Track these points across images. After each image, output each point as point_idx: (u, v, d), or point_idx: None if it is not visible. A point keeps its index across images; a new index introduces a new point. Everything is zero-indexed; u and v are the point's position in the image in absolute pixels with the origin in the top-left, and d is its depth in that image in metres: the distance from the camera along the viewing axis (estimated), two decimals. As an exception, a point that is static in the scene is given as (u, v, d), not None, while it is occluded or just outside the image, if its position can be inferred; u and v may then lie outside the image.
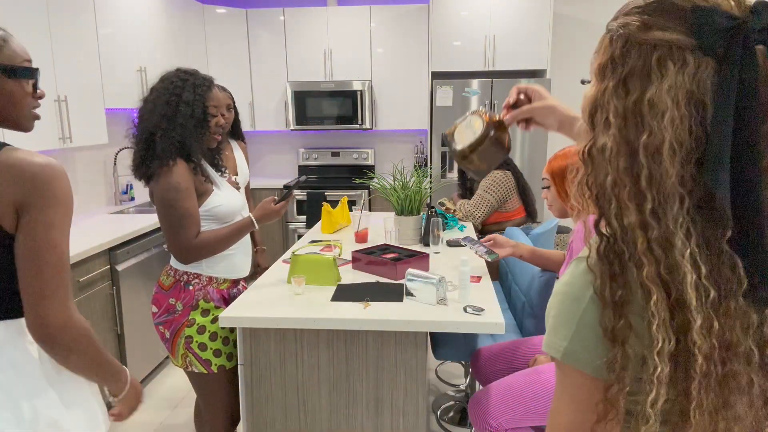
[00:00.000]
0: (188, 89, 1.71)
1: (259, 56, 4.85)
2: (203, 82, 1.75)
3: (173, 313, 1.79)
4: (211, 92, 1.77)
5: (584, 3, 4.92)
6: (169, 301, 1.80)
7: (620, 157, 0.65)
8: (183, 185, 1.70)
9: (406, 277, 1.84)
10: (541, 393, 1.67)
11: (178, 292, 1.80)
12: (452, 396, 2.94)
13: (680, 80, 0.61)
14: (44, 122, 2.67)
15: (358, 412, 1.82)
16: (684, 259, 0.61)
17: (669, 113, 0.61)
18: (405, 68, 4.78)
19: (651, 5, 0.64)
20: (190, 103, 1.69)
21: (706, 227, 0.62)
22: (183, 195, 1.70)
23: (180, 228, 1.70)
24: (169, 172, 1.68)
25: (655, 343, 0.62)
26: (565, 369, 0.70)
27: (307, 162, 5.22)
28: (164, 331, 1.82)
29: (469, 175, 2.33)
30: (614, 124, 0.65)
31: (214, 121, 1.80)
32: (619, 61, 0.65)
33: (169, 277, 1.83)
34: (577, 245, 1.70)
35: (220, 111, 2.35)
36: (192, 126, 1.70)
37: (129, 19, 3.46)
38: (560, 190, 1.80)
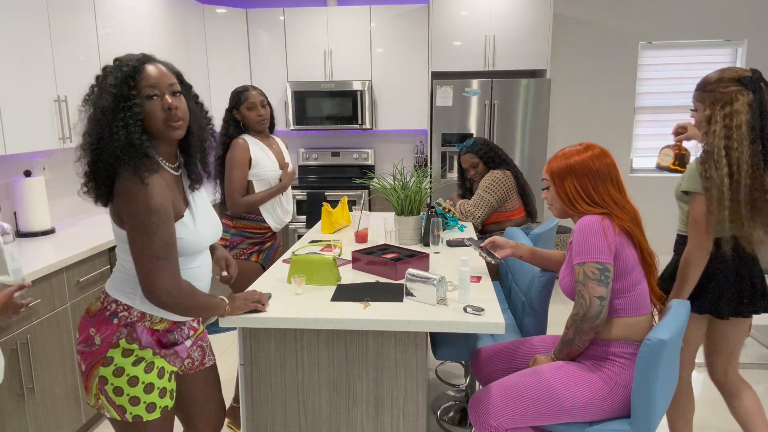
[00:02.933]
0: (111, 75, 1.36)
1: (259, 56, 4.85)
2: (128, 62, 1.38)
3: (91, 345, 1.48)
4: (143, 71, 1.37)
5: (584, 3, 4.92)
6: (89, 330, 1.49)
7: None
8: (166, 205, 1.39)
9: (406, 277, 1.84)
10: (541, 393, 1.67)
11: (100, 323, 1.48)
12: (452, 396, 2.94)
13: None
14: (44, 122, 2.68)
15: (358, 412, 1.82)
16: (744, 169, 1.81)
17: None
18: (405, 68, 4.79)
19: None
20: (109, 89, 1.34)
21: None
22: (165, 220, 1.39)
23: (164, 260, 1.39)
24: (149, 189, 1.36)
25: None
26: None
27: (307, 162, 5.22)
28: (81, 362, 1.51)
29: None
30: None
31: (158, 103, 1.38)
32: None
33: (97, 303, 1.52)
34: (577, 244, 1.70)
35: (255, 109, 2.56)
36: (122, 118, 1.33)
37: (129, 19, 3.46)
38: (560, 190, 1.80)
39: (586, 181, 1.75)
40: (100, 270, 2.64)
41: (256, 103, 2.57)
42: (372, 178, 5.17)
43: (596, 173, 1.75)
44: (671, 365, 1.68)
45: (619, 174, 1.79)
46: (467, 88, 4.39)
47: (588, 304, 1.65)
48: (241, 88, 2.60)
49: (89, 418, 2.61)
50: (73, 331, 2.46)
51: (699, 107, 1.95)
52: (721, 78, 1.88)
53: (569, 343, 1.73)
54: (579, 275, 1.69)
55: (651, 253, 1.76)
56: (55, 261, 2.32)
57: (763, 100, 1.84)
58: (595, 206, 1.75)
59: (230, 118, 2.62)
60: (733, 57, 4.97)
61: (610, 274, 1.66)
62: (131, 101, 1.34)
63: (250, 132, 2.62)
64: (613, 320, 1.71)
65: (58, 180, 3.24)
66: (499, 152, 3.26)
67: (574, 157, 1.78)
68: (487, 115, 4.42)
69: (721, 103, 1.86)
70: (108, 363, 1.46)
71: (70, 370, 2.45)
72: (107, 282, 1.54)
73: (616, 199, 1.75)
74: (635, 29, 4.94)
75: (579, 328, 1.68)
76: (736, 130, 1.82)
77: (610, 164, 1.77)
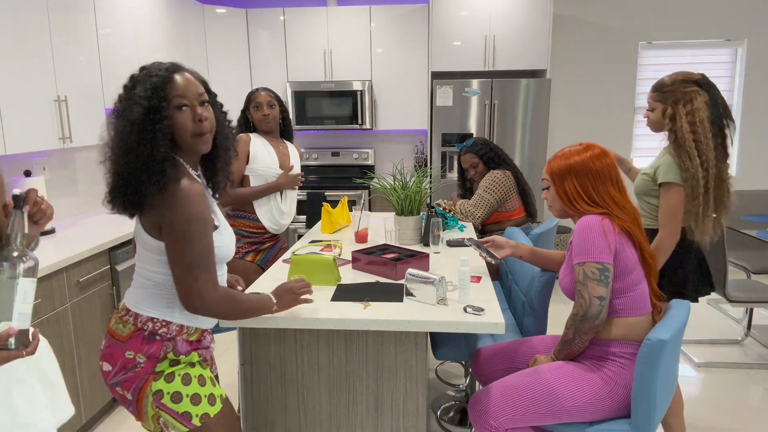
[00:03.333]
0: (140, 86, 1.32)
1: (259, 56, 4.85)
2: (158, 72, 1.34)
3: (133, 368, 1.39)
4: (172, 81, 1.34)
5: (584, 3, 4.92)
6: (125, 355, 1.39)
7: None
8: (206, 213, 1.36)
9: (406, 277, 1.84)
10: (541, 393, 1.67)
11: (140, 344, 1.40)
12: (452, 396, 2.94)
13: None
14: (44, 122, 2.68)
15: (358, 412, 1.82)
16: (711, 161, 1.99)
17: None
18: (405, 68, 4.79)
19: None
20: (139, 101, 1.30)
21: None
22: (205, 227, 1.35)
23: (203, 270, 1.35)
24: (188, 197, 1.31)
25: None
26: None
27: (307, 162, 5.22)
28: (124, 392, 1.41)
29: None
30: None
31: (188, 114, 1.36)
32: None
33: (126, 326, 1.42)
34: (577, 244, 1.70)
35: (261, 108, 2.59)
36: (151, 130, 1.30)
37: (129, 19, 3.45)
38: (560, 190, 1.80)
39: (586, 181, 1.75)
40: (100, 270, 2.64)
41: (262, 102, 2.62)
42: (372, 178, 5.16)
43: (596, 173, 1.75)
44: (671, 365, 1.68)
45: (619, 174, 1.79)
46: (467, 88, 4.39)
47: (588, 304, 1.65)
48: (253, 90, 2.68)
49: (89, 418, 2.61)
50: (73, 331, 2.46)
51: (657, 107, 2.15)
52: (678, 80, 2.09)
53: (569, 343, 1.73)
54: (579, 275, 1.69)
55: (651, 254, 1.76)
56: (55, 261, 2.32)
57: (717, 98, 2.06)
58: (595, 206, 1.75)
59: (242, 118, 2.70)
60: (733, 57, 4.97)
61: (609, 274, 1.66)
62: (161, 113, 1.31)
63: (259, 132, 2.67)
64: (613, 320, 1.71)
65: (58, 180, 3.24)
66: (499, 152, 3.26)
67: (574, 157, 1.78)
68: (487, 115, 4.42)
69: (682, 102, 2.05)
70: (158, 377, 1.40)
71: (70, 370, 2.45)
72: (128, 301, 1.45)
73: (616, 199, 1.75)
74: (635, 29, 4.94)
75: (579, 328, 1.68)
76: (699, 125, 2.02)
77: (610, 164, 1.77)
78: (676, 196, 2.04)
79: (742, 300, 3.09)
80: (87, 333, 2.55)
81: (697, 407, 2.83)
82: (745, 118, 4.98)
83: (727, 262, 3.02)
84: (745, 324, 3.64)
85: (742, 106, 4.96)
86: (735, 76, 4.98)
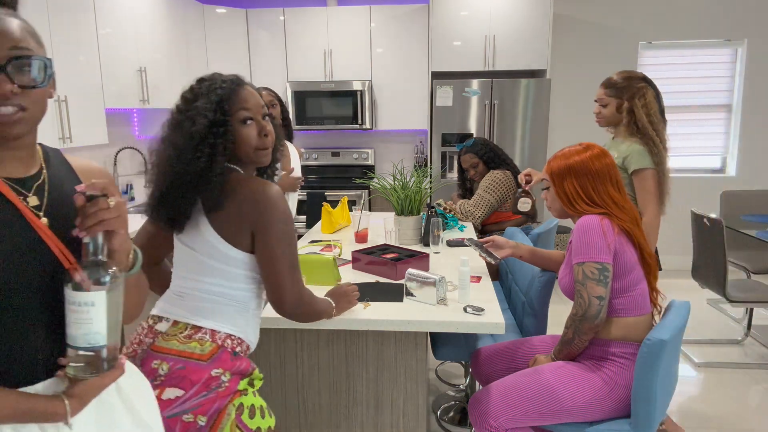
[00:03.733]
0: (203, 98, 1.30)
1: (259, 56, 4.85)
2: (221, 84, 1.33)
3: (217, 388, 1.26)
4: (237, 94, 1.32)
5: (584, 3, 4.92)
6: (211, 373, 1.26)
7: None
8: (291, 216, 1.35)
9: (406, 277, 1.84)
10: (541, 393, 1.67)
11: (229, 361, 1.29)
12: (452, 396, 2.94)
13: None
14: (44, 122, 2.67)
15: (358, 412, 1.82)
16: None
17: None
18: (405, 68, 4.79)
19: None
20: (202, 113, 1.28)
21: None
22: (294, 226, 1.35)
23: (298, 270, 1.34)
24: (280, 197, 1.30)
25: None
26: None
27: (307, 162, 5.22)
28: (196, 418, 1.24)
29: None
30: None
31: (254, 128, 1.34)
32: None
33: (204, 343, 1.28)
34: (576, 244, 1.70)
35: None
36: (212, 144, 1.27)
37: (129, 19, 3.45)
38: (559, 190, 1.80)
39: (586, 182, 1.75)
40: (100, 270, 2.64)
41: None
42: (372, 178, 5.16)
43: (596, 173, 1.75)
44: (671, 365, 1.68)
45: (618, 174, 1.79)
46: (467, 88, 4.39)
47: (587, 303, 1.65)
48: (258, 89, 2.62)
49: (89, 418, 2.60)
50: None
51: (611, 102, 2.32)
52: (629, 77, 2.29)
53: (569, 343, 1.73)
54: (578, 275, 1.69)
55: (650, 253, 1.76)
56: (55, 261, 2.32)
57: (659, 94, 2.30)
58: (594, 206, 1.75)
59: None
60: (733, 57, 4.97)
61: (609, 273, 1.66)
62: (226, 126, 1.28)
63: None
64: (612, 320, 1.71)
65: (58, 180, 3.25)
66: (499, 152, 3.26)
67: (573, 157, 1.78)
68: (487, 115, 4.42)
69: (637, 96, 2.25)
70: (240, 395, 1.30)
71: (70, 370, 2.45)
72: (188, 316, 1.32)
73: (615, 199, 1.75)
74: (635, 29, 4.94)
75: (578, 328, 1.68)
76: (654, 116, 2.24)
77: (610, 164, 1.77)
78: (652, 179, 2.20)
79: (742, 300, 3.10)
80: (87, 333, 2.55)
81: (697, 407, 2.83)
82: (745, 118, 4.98)
83: (727, 262, 3.02)
84: (745, 324, 3.64)
85: (742, 106, 4.96)
86: (735, 76, 4.98)
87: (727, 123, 5.07)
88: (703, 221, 3.20)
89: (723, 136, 5.10)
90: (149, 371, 1.25)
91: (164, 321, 1.33)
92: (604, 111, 2.37)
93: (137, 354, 1.30)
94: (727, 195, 4.16)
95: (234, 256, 1.31)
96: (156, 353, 1.27)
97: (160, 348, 1.28)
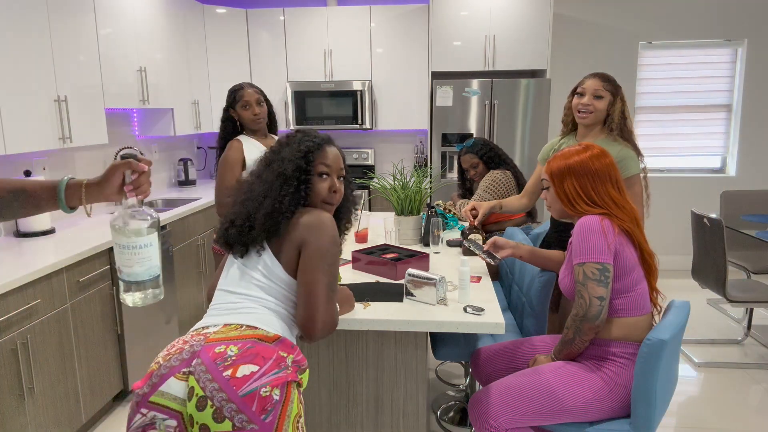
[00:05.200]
0: (294, 146, 1.50)
1: (259, 56, 4.85)
2: (313, 139, 1.51)
3: (285, 368, 1.29)
4: (322, 150, 1.51)
5: (584, 3, 4.92)
6: (279, 353, 1.30)
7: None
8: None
9: (406, 277, 1.84)
10: (541, 393, 1.67)
11: (288, 346, 1.35)
12: (452, 396, 2.94)
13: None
14: (44, 122, 2.68)
15: (358, 412, 1.82)
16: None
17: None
18: (405, 68, 4.79)
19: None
20: (290, 157, 1.47)
21: None
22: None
23: (336, 293, 1.44)
24: (332, 222, 1.43)
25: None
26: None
27: (307, 162, 5.22)
28: (271, 391, 1.23)
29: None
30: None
31: (327, 183, 1.51)
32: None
33: (267, 333, 1.35)
34: (577, 244, 1.70)
35: (251, 107, 2.53)
36: (295, 186, 1.45)
37: (129, 19, 3.46)
38: (559, 190, 1.80)
39: (586, 182, 1.75)
40: (100, 270, 2.64)
41: (251, 101, 2.52)
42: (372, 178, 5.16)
43: (595, 173, 1.75)
44: (671, 365, 1.68)
45: (618, 174, 1.79)
46: (467, 88, 4.39)
47: (588, 304, 1.65)
48: (236, 86, 2.55)
49: (89, 418, 2.61)
50: (73, 331, 2.46)
51: (607, 96, 2.24)
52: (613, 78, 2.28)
53: (569, 343, 1.73)
54: (579, 275, 1.69)
55: (651, 253, 1.76)
56: (55, 261, 2.32)
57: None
58: (594, 206, 1.75)
59: (227, 117, 2.58)
60: (733, 57, 4.97)
61: (609, 274, 1.66)
62: (307, 174, 1.47)
63: (247, 131, 2.59)
64: (613, 320, 1.71)
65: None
66: (499, 152, 3.26)
67: (573, 158, 1.78)
68: (487, 115, 4.42)
69: (622, 98, 2.25)
70: (299, 387, 1.34)
71: (70, 370, 2.45)
72: (248, 320, 1.36)
73: (615, 199, 1.75)
74: (635, 29, 4.94)
75: (579, 329, 1.68)
76: (630, 119, 2.28)
77: (610, 164, 1.77)
78: (639, 184, 2.23)
79: (742, 300, 3.10)
80: (87, 333, 2.55)
81: (697, 407, 2.83)
82: (745, 118, 4.99)
83: (727, 262, 3.02)
84: (745, 324, 3.64)
85: (742, 106, 4.96)
86: (735, 76, 4.98)
87: (727, 123, 5.07)
88: (703, 221, 3.20)
89: (723, 136, 5.10)
90: (214, 356, 1.24)
91: (212, 327, 1.36)
92: (599, 104, 2.22)
93: (184, 350, 1.28)
94: (727, 195, 4.16)
95: (284, 278, 1.42)
96: (217, 342, 1.28)
97: (219, 338, 1.30)
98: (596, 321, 1.65)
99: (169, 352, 1.30)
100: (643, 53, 5.01)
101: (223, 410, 1.18)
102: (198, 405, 1.19)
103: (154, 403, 1.23)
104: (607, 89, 2.22)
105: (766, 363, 3.28)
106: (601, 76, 2.25)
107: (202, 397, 1.19)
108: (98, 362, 2.65)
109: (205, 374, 1.21)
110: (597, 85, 2.22)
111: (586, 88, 2.25)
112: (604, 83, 2.23)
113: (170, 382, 1.23)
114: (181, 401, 1.22)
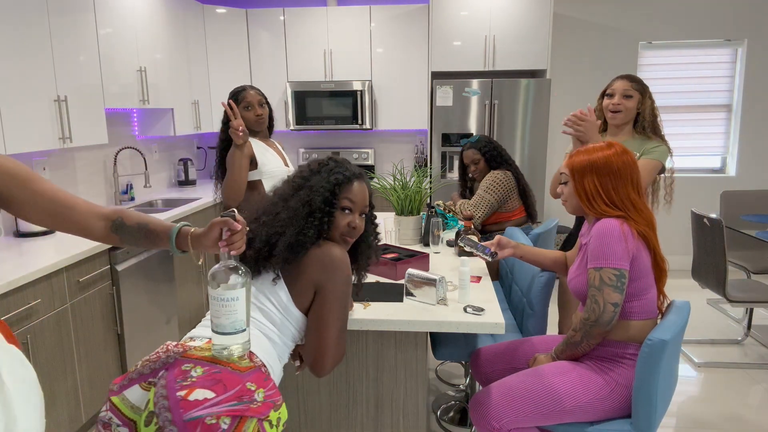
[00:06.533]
0: (323, 177, 1.48)
1: (259, 56, 4.85)
2: (343, 171, 1.49)
3: (249, 402, 1.20)
4: (351, 184, 1.49)
5: (584, 3, 4.92)
6: (246, 386, 1.23)
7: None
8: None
9: (406, 277, 1.84)
10: (543, 393, 1.67)
11: (261, 379, 1.27)
12: (452, 396, 2.94)
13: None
14: (44, 122, 2.68)
15: (358, 412, 1.82)
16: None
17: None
18: (405, 68, 4.79)
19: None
20: (318, 187, 1.45)
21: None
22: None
23: (345, 332, 1.46)
24: (347, 261, 1.44)
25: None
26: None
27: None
28: (217, 420, 1.15)
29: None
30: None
31: (348, 218, 1.49)
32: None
33: (243, 360, 1.29)
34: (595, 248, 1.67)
35: (253, 108, 2.55)
36: (319, 217, 1.43)
37: (129, 19, 3.45)
38: (578, 186, 1.75)
39: (607, 180, 1.71)
40: (100, 270, 2.64)
41: (253, 102, 2.54)
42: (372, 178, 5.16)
43: (617, 172, 1.70)
44: (672, 365, 1.68)
45: (638, 174, 1.74)
46: (467, 88, 4.39)
47: (602, 310, 1.63)
48: (238, 88, 2.57)
49: (89, 418, 2.61)
50: (73, 331, 2.46)
51: (636, 95, 2.33)
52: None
53: (575, 345, 1.71)
54: (594, 280, 1.66)
55: (663, 258, 1.73)
56: (55, 261, 2.32)
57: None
58: (613, 207, 1.71)
59: (227, 118, 2.56)
60: (733, 57, 4.97)
61: (625, 280, 1.64)
62: (331, 207, 1.45)
63: (249, 132, 2.61)
64: (620, 323, 1.70)
65: (58, 180, 3.24)
66: (501, 152, 3.26)
67: (596, 153, 1.73)
68: (487, 115, 4.42)
69: (651, 97, 2.35)
70: (266, 425, 1.22)
71: (70, 370, 2.45)
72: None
73: (634, 202, 1.71)
74: (635, 29, 4.94)
75: (589, 333, 1.67)
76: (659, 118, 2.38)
77: (631, 162, 1.72)
78: (654, 172, 2.32)
79: (742, 300, 3.10)
80: (87, 333, 2.55)
81: (697, 407, 2.83)
82: (745, 118, 4.98)
83: (727, 262, 3.02)
84: (745, 324, 3.64)
85: (742, 106, 4.96)
86: (735, 76, 4.98)
87: (727, 123, 5.07)
88: (703, 221, 3.20)
89: (723, 136, 5.10)
90: (178, 373, 1.21)
91: (198, 340, 1.34)
92: (628, 103, 2.32)
93: (159, 359, 1.26)
94: (727, 195, 4.16)
95: (292, 311, 1.42)
96: (188, 359, 1.25)
97: (193, 355, 1.26)
98: (607, 327, 1.64)
99: (149, 358, 1.29)
100: (643, 53, 5.01)
101: (164, 431, 1.14)
102: (146, 419, 1.18)
103: (114, 405, 1.23)
104: (636, 89, 2.33)
105: (766, 363, 3.28)
106: (629, 77, 2.36)
107: (151, 413, 1.17)
108: (98, 362, 2.65)
109: (162, 389, 1.19)
110: (626, 86, 2.33)
111: (616, 89, 2.35)
112: (632, 83, 2.34)
113: (134, 389, 1.23)
114: (137, 410, 1.22)
